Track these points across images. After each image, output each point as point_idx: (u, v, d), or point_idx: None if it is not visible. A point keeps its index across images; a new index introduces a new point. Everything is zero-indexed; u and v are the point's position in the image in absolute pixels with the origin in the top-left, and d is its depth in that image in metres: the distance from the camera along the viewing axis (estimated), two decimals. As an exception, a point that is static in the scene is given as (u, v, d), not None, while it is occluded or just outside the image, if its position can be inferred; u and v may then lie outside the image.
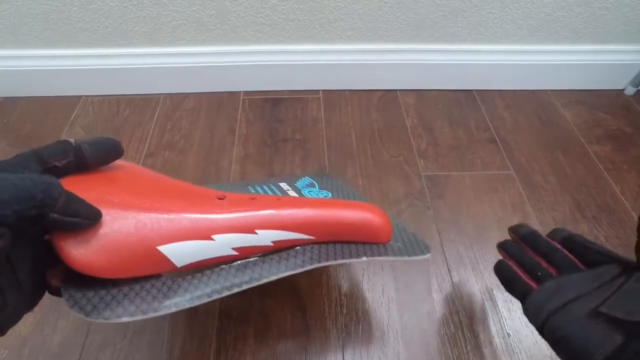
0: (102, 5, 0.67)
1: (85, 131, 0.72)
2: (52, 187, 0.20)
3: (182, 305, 0.25)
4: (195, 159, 0.68)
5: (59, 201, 0.20)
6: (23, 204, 0.18)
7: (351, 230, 0.34)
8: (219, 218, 0.28)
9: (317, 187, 0.46)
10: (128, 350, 0.46)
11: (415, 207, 0.61)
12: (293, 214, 0.31)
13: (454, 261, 0.55)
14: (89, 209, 0.22)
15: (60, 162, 0.24)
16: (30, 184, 0.19)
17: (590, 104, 0.81)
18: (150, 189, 0.28)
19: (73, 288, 0.24)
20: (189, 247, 0.26)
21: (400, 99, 0.80)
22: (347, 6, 0.69)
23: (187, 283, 0.27)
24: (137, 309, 0.24)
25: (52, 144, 0.24)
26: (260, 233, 0.29)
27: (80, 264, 0.22)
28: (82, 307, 0.23)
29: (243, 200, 0.31)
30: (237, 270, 0.29)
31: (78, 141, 0.24)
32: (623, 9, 0.72)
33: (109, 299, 0.24)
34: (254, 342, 0.47)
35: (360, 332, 0.48)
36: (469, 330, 0.49)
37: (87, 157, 0.25)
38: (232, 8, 0.69)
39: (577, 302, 0.29)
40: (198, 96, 0.79)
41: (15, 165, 0.22)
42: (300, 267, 0.30)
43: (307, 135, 0.72)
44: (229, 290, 0.27)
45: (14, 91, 0.77)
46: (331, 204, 0.35)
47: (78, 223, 0.22)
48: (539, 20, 0.73)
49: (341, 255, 0.33)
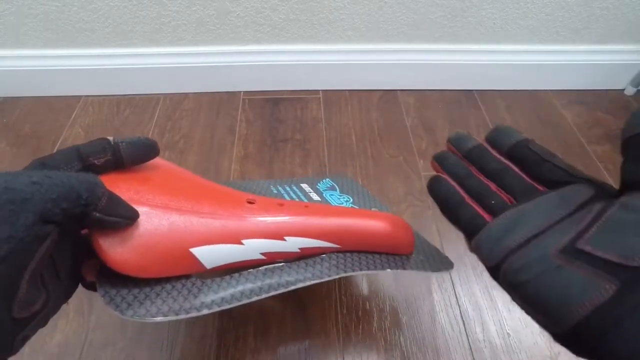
0: (102, 5, 0.67)
1: (85, 131, 0.72)
2: (97, 187, 0.20)
3: (212, 307, 0.26)
4: (195, 159, 0.68)
5: (103, 200, 0.21)
6: (70, 203, 0.19)
7: (376, 241, 0.35)
8: (249, 223, 0.29)
9: (338, 190, 0.47)
10: (128, 350, 0.46)
11: (415, 207, 0.61)
12: (321, 223, 0.32)
13: (454, 261, 0.55)
14: (128, 209, 0.23)
15: (99, 160, 0.24)
16: (76, 182, 0.19)
17: (590, 104, 0.81)
18: (183, 189, 0.28)
19: (108, 285, 0.24)
20: (219, 250, 0.27)
21: (400, 99, 0.80)
22: (347, 6, 0.69)
23: (216, 285, 0.27)
24: (170, 309, 0.24)
25: (92, 141, 0.24)
26: (288, 240, 0.30)
27: (117, 263, 0.23)
28: (118, 305, 0.23)
29: (272, 206, 0.31)
30: (265, 274, 0.29)
31: (116, 140, 0.25)
32: (623, 9, 0.72)
33: (142, 297, 0.24)
34: (254, 342, 0.47)
35: (360, 333, 0.48)
36: (469, 330, 0.49)
37: (124, 157, 0.25)
38: (232, 8, 0.69)
39: (545, 235, 0.22)
40: (198, 96, 0.79)
41: (58, 161, 0.23)
42: (327, 275, 0.31)
43: (307, 135, 0.72)
44: (257, 295, 0.28)
45: (14, 91, 0.77)
46: (357, 214, 0.36)
47: (117, 222, 0.22)
48: (539, 20, 0.73)
49: (366, 266, 0.33)
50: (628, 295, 0.18)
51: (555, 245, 0.21)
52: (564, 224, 0.22)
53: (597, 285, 0.18)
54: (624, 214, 0.20)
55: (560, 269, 0.20)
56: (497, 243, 0.23)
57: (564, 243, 0.21)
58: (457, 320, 0.50)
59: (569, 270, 0.20)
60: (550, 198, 0.23)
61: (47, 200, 0.18)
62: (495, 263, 0.23)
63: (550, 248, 0.21)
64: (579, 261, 0.19)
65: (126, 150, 0.25)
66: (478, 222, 0.25)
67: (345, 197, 0.45)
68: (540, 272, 0.20)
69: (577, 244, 0.20)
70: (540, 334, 0.48)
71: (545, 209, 0.23)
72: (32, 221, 0.18)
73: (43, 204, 0.18)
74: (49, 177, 0.19)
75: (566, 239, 0.21)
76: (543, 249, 0.21)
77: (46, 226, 0.19)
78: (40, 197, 0.18)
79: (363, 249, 0.35)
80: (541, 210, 0.23)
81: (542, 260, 0.20)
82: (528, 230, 0.22)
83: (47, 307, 0.21)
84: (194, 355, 0.46)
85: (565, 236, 0.21)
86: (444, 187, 0.28)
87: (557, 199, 0.23)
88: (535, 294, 0.20)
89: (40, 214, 0.18)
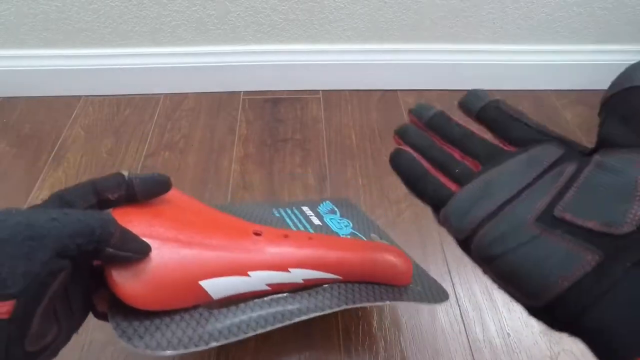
0: (102, 5, 0.67)
1: (85, 131, 0.72)
2: (110, 224, 0.21)
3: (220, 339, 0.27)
4: (195, 159, 0.68)
5: (115, 236, 0.21)
6: (84, 239, 0.20)
7: (376, 273, 0.36)
8: (255, 256, 0.30)
9: (338, 214, 0.48)
10: (129, 351, 0.46)
11: (415, 207, 0.61)
12: (324, 256, 0.34)
13: (454, 261, 0.55)
14: (140, 244, 0.24)
15: (113, 195, 0.25)
16: (92, 220, 0.20)
17: (591, 104, 0.81)
18: (193, 222, 0.29)
19: (120, 316, 0.25)
20: (227, 282, 0.28)
21: (400, 99, 0.80)
22: (347, 6, 0.69)
23: (223, 315, 0.29)
24: (180, 342, 0.25)
25: (108, 176, 0.25)
26: (293, 272, 0.31)
27: (130, 297, 0.24)
28: (130, 337, 0.24)
29: (278, 238, 0.33)
30: (269, 305, 0.31)
31: (131, 176, 0.26)
32: (623, 9, 0.72)
33: (153, 329, 0.25)
34: (254, 343, 0.47)
35: (360, 333, 0.48)
36: (469, 330, 0.49)
37: (137, 193, 0.26)
38: (232, 8, 0.69)
39: (517, 201, 0.20)
40: (198, 96, 0.79)
41: (75, 196, 0.23)
42: (329, 307, 0.32)
43: (307, 135, 0.72)
44: (263, 328, 0.29)
45: (14, 91, 0.77)
46: (359, 246, 0.37)
47: (130, 257, 0.23)
48: (539, 20, 0.73)
49: (366, 298, 0.35)
50: (612, 267, 0.16)
51: (529, 214, 0.19)
52: (536, 187, 0.20)
53: (578, 256, 0.17)
54: (603, 176, 0.18)
55: (537, 239, 0.18)
56: (466, 214, 0.21)
57: (539, 210, 0.19)
58: (457, 320, 0.50)
59: (546, 240, 0.18)
60: (518, 159, 0.22)
61: (64, 236, 0.19)
62: (466, 236, 0.21)
63: (525, 216, 0.19)
64: (558, 230, 0.18)
65: (139, 186, 0.26)
66: (444, 193, 0.23)
67: (345, 222, 0.47)
68: (516, 244, 0.19)
69: (555, 212, 0.18)
70: (541, 333, 0.48)
71: (514, 172, 0.21)
72: (49, 257, 0.18)
73: (59, 240, 0.19)
74: (66, 215, 0.20)
75: (541, 205, 0.19)
76: (517, 217, 0.19)
77: (61, 261, 0.19)
78: (57, 234, 0.19)
79: (363, 280, 0.36)
80: (510, 174, 0.21)
81: (517, 230, 0.19)
82: (498, 197, 0.20)
83: (58, 339, 0.22)
84: (194, 356, 0.46)
85: (539, 201, 0.19)
86: (405, 160, 0.26)
87: (526, 159, 0.21)
88: (510, 268, 0.19)
89: (57, 250, 0.19)
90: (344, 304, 0.33)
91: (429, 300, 0.38)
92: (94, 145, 0.69)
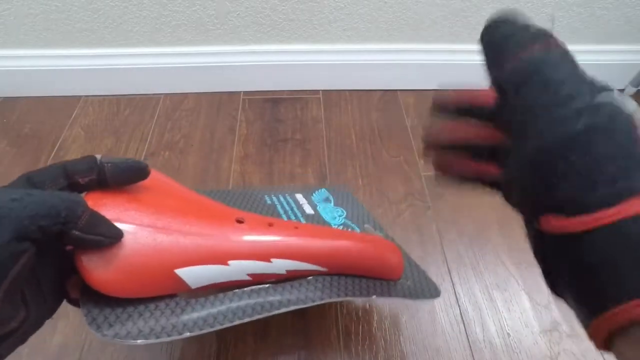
0: (102, 5, 0.67)
1: (85, 131, 0.72)
2: (77, 205, 0.20)
3: (194, 329, 0.26)
4: (195, 159, 0.68)
5: (82, 219, 0.20)
6: (48, 220, 0.19)
7: (364, 267, 0.35)
8: (236, 244, 0.29)
9: (332, 202, 0.47)
10: (128, 351, 0.46)
11: (415, 207, 0.61)
12: (309, 246, 0.32)
13: (454, 261, 0.55)
14: (110, 228, 0.23)
15: (83, 179, 0.24)
16: (57, 200, 0.20)
17: (590, 104, 0.81)
18: (173, 207, 0.28)
19: (91, 303, 0.24)
20: (204, 271, 0.27)
21: (400, 99, 0.80)
22: (347, 6, 0.69)
23: (200, 305, 0.27)
24: (152, 331, 0.24)
25: (80, 159, 0.24)
26: (274, 262, 0.30)
27: (98, 283, 0.23)
28: (99, 326, 0.23)
29: (261, 226, 0.31)
30: (249, 295, 0.29)
31: (103, 160, 0.24)
32: (623, 9, 0.72)
33: (125, 317, 0.24)
34: (254, 343, 0.47)
35: (360, 333, 0.48)
36: (469, 330, 0.49)
37: (108, 178, 0.25)
38: (232, 8, 0.69)
39: None
40: (198, 96, 0.79)
41: (44, 177, 0.23)
42: (312, 301, 0.31)
43: (307, 135, 0.72)
44: (240, 319, 0.27)
45: (14, 91, 0.77)
46: (347, 237, 0.35)
47: (99, 241, 0.22)
48: (539, 20, 0.72)
49: (352, 292, 0.33)
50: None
51: None
52: None
53: None
54: None
55: None
56: None
57: None
58: (457, 320, 0.50)
59: None
60: None
61: (24, 217, 0.18)
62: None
63: None
64: None
65: (110, 171, 0.24)
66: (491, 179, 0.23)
67: (339, 211, 0.45)
68: None
69: None
70: (541, 333, 0.48)
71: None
72: (7, 238, 0.18)
73: (20, 221, 0.18)
74: (30, 195, 0.19)
75: None
76: None
77: (22, 244, 0.18)
78: (17, 215, 0.18)
79: (350, 273, 0.34)
80: None
81: None
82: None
83: (26, 325, 0.21)
84: (194, 356, 0.46)
85: None
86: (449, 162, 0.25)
87: None
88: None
89: (17, 231, 0.18)
90: (327, 297, 0.32)
91: (418, 296, 0.36)
92: (94, 145, 0.69)
